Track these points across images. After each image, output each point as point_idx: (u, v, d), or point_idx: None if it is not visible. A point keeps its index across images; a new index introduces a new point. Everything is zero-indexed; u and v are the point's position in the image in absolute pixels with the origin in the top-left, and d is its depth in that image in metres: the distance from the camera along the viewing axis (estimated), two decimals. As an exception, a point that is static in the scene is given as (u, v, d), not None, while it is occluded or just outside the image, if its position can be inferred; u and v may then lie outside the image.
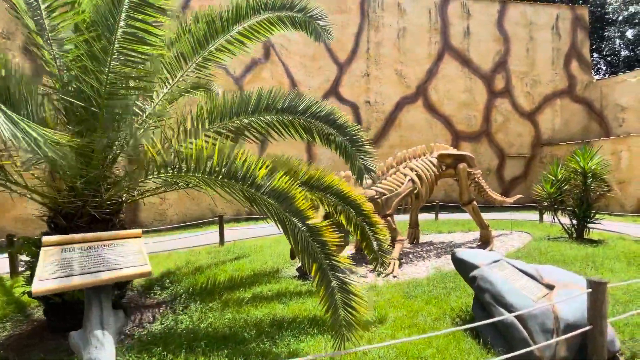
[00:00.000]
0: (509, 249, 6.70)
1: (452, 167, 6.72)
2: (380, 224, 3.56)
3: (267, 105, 3.06)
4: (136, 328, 3.55)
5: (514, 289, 2.93)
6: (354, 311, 2.08)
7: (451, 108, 14.05)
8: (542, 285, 3.13)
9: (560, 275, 3.20)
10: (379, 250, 3.46)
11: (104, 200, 3.35)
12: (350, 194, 3.41)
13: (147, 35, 2.52)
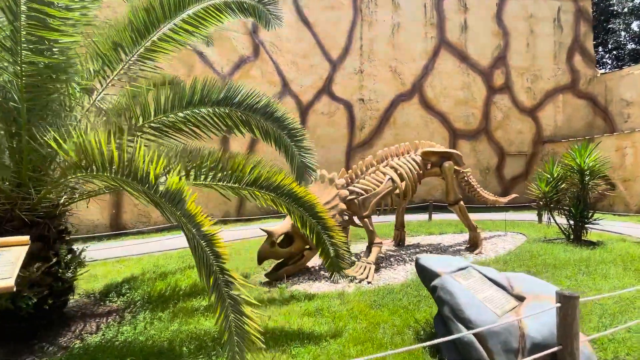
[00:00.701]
0: (499, 252, 6.31)
1: (437, 166, 6.36)
2: (336, 227, 3.25)
3: (201, 97, 2.78)
4: (74, 339, 3.30)
5: (476, 301, 2.59)
6: (246, 335, 1.78)
7: (448, 105, 13.61)
8: (511, 297, 2.78)
9: (534, 285, 2.85)
10: (335, 256, 3.15)
11: (35, 203, 3.11)
12: (302, 194, 3.11)
13: (52, 20, 2.26)
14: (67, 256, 3.43)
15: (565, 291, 2.29)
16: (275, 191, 3.07)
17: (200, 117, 2.75)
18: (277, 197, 3.10)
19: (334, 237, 3.20)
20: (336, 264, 3.21)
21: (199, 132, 3.05)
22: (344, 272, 3.51)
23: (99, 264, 5.95)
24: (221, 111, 2.73)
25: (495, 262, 5.48)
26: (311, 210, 3.09)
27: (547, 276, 4.72)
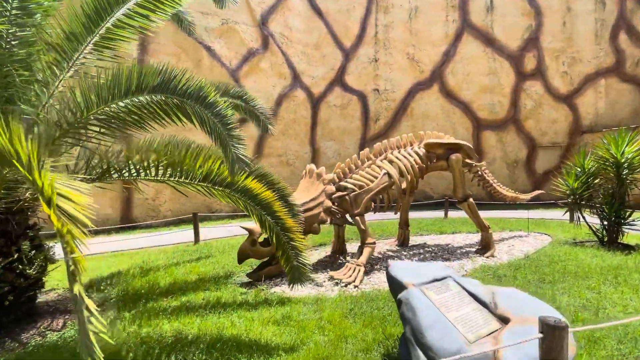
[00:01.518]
0: (515, 255, 5.63)
1: (443, 159, 5.76)
2: (296, 229, 2.89)
3: (138, 84, 2.53)
4: (35, 336, 3.23)
5: (443, 322, 2.14)
6: None
7: (472, 93, 12.61)
8: (493, 318, 2.29)
9: (524, 304, 2.33)
10: (295, 261, 2.80)
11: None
12: (258, 191, 2.78)
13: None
14: (31, 252, 3.36)
15: (550, 318, 1.79)
16: (230, 187, 2.77)
17: (140, 105, 2.51)
18: (232, 194, 2.80)
19: (294, 239, 2.85)
20: (297, 270, 2.87)
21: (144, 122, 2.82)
22: (305, 280, 3.16)
23: (97, 258, 6.04)
24: (158, 98, 2.48)
25: (506, 268, 4.86)
26: (268, 209, 2.77)
27: (564, 287, 4.07)
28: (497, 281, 4.37)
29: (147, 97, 2.52)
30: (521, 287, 4.07)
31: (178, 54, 9.92)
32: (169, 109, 2.54)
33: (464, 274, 4.72)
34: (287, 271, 2.93)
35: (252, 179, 2.84)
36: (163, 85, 2.50)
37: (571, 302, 3.66)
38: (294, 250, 2.87)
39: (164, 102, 2.50)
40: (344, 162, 5.44)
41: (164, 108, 2.54)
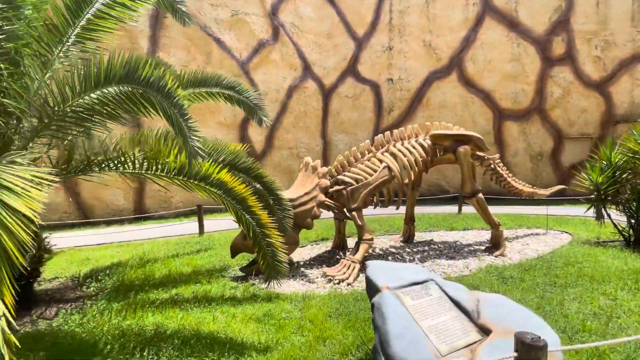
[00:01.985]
0: (528, 255, 5.26)
1: (451, 151, 5.43)
2: (271, 225, 2.77)
3: (106, 75, 2.46)
4: (27, 324, 3.33)
5: (414, 331, 1.95)
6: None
7: (493, 81, 11.90)
8: (474, 328, 2.08)
9: (511, 314, 2.10)
10: (272, 258, 2.69)
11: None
12: (232, 184, 2.68)
13: None
14: (23, 244, 3.44)
15: (527, 335, 1.57)
16: (205, 180, 2.68)
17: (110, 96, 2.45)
18: (207, 187, 2.72)
19: (270, 235, 2.74)
20: (273, 267, 2.76)
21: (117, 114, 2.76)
22: (281, 277, 3.04)
23: (105, 247, 6.23)
24: (125, 89, 2.40)
25: (515, 268, 4.53)
26: (243, 204, 2.66)
27: (576, 292, 3.73)
28: (501, 283, 4.08)
29: (116, 88, 2.45)
30: (527, 291, 3.78)
31: (188, 47, 9.97)
32: (135, 99, 2.47)
33: (467, 275, 4.45)
34: (264, 268, 2.84)
35: (225, 172, 2.74)
36: (129, 76, 2.42)
37: (581, 309, 3.34)
38: (270, 247, 2.76)
39: (131, 93, 2.43)
40: (340, 155, 5.25)
41: (132, 98, 2.47)
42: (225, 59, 10.43)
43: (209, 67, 10.26)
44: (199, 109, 10.22)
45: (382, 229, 7.19)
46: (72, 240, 6.85)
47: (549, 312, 3.28)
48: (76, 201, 8.75)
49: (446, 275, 4.47)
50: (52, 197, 8.49)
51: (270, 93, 11.26)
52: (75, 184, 8.63)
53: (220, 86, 4.38)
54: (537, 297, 3.62)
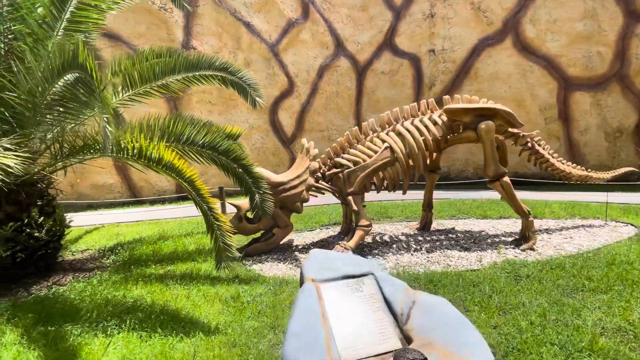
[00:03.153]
0: (565, 251, 4.45)
1: (472, 128, 4.73)
2: (217, 209, 2.69)
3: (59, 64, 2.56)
4: (43, 289, 3.83)
5: (316, 331, 1.73)
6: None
7: (559, 45, 10.03)
8: (397, 334, 1.78)
9: (442, 325, 1.75)
10: (221, 241, 2.64)
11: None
12: (181, 168, 2.66)
13: None
14: (40, 218, 3.94)
15: (408, 355, 1.26)
16: (159, 163, 2.71)
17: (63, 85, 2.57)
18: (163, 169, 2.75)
19: (219, 219, 2.67)
20: (224, 251, 2.71)
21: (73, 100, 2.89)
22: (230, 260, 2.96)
23: (136, 224, 6.90)
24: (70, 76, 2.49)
25: (537, 266, 3.86)
26: (192, 185, 2.63)
27: (606, 299, 3.04)
28: (511, 282, 3.50)
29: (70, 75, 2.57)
30: (539, 294, 3.20)
31: (219, 34, 10.22)
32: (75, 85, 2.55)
33: (475, 269, 3.91)
34: (216, 253, 2.81)
35: (174, 154, 2.73)
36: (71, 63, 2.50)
37: (602, 322, 2.69)
38: (219, 230, 2.71)
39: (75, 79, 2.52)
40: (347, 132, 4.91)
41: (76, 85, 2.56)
42: (255, 43, 10.48)
43: (239, 52, 10.44)
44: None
45: (402, 215, 6.72)
46: (117, 217, 7.73)
47: (554, 322, 2.71)
48: (127, 183, 9.82)
49: (451, 268, 3.99)
50: (108, 179, 9.66)
51: (301, 74, 11.08)
52: (127, 167, 9.64)
53: (213, 68, 4.37)
54: (548, 302, 3.02)
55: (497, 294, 3.22)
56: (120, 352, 2.46)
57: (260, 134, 11.02)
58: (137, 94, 4.29)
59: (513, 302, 3.05)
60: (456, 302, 3.07)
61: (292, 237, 5.55)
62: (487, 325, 2.71)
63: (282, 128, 11.21)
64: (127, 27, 9.41)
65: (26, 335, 2.70)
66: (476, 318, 2.80)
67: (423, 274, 3.70)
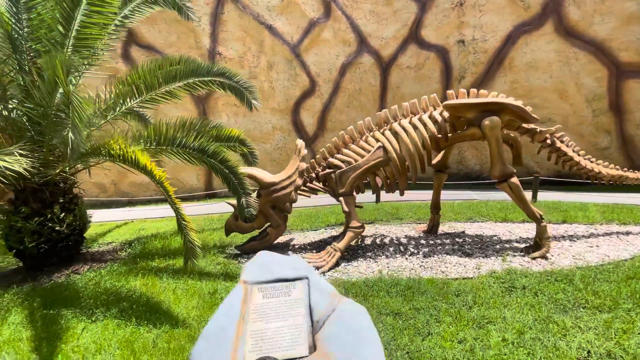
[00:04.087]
0: (584, 261, 3.99)
1: (477, 125, 4.40)
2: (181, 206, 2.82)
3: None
4: (62, 277, 4.32)
5: (226, 333, 1.78)
6: None
7: (608, 28, 8.86)
8: (307, 341, 1.77)
9: (345, 335, 1.71)
10: (187, 240, 2.79)
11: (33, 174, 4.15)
12: (153, 169, 2.85)
13: None
14: (62, 214, 4.45)
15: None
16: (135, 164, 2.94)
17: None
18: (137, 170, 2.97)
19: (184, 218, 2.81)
20: (191, 250, 2.85)
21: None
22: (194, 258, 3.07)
23: (159, 220, 7.45)
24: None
25: (539, 277, 3.51)
26: (162, 186, 2.81)
27: (603, 319, 2.68)
28: (503, 293, 3.23)
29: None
30: (527, 309, 2.92)
31: (243, 39, 10.59)
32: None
33: (468, 278, 3.66)
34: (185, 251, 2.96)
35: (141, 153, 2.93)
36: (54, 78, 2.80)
37: (590, 345, 2.39)
38: (185, 229, 2.85)
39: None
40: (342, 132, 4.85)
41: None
42: (277, 45, 10.70)
43: (262, 55, 10.73)
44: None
45: (414, 216, 6.46)
46: (148, 213, 8.42)
47: (531, 341, 2.45)
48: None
49: (443, 275, 3.77)
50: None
51: (323, 74, 11.08)
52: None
53: (212, 74, 4.59)
54: (535, 318, 2.74)
55: (479, 306, 2.99)
56: (94, 337, 2.72)
57: (282, 134, 11.25)
58: (144, 101, 4.64)
59: (493, 315, 2.81)
60: (428, 311, 2.91)
61: (294, 236, 5.63)
62: (454, 338, 2.53)
63: (303, 128, 11.33)
64: (160, 38, 10.16)
65: (29, 317, 3.10)
66: (444, 330, 2.63)
67: (405, 280, 3.55)
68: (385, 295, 3.23)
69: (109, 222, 7.30)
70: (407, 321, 2.78)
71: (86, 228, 4.96)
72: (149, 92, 4.57)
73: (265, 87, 10.87)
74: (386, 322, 2.78)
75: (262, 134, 11.03)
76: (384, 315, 2.89)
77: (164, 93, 4.65)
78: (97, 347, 2.61)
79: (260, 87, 10.86)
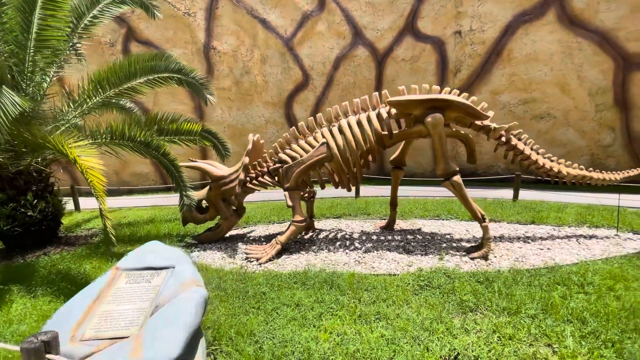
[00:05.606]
0: (525, 264, 3.89)
1: (422, 122, 4.35)
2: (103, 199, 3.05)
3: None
4: (34, 257, 4.73)
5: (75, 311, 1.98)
6: None
7: (616, 16, 8.21)
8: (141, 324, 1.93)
9: (157, 322, 1.85)
10: (106, 229, 3.04)
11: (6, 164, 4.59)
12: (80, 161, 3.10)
13: None
14: (34, 201, 4.89)
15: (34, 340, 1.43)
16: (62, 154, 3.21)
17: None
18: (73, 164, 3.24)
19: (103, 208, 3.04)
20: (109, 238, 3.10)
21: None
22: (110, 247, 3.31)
23: (152, 208, 7.87)
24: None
25: (463, 277, 3.48)
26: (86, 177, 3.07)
27: (501, 322, 2.66)
28: (409, 292, 3.23)
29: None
30: (427, 307, 2.93)
31: (237, 32, 10.78)
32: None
33: (392, 274, 3.68)
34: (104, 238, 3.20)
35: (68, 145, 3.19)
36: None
37: (467, 349, 2.40)
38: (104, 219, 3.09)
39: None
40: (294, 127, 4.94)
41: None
42: (270, 39, 10.80)
43: (255, 49, 10.88)
44: (247, 91, 11.11)
45: (382, 212, 6.44)
46: (142, 202, 8.92)
47: (403, 340, 2.49)
48: (160, 172, 11.16)
49: (372, 271, 3.82)
50: (144, 168, 11.12)
51: (316, 67, 11.08)
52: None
53: (169, 71, 4.80)
54: (425, 318, 2.75)
55: (382, 302, 3.02)
56: (22, 309, 3.05)
57: (275, 128, 11.42)
58: (108, 97, 4.94)
59: (390, 312, 2.85)
60: (330, 304, 2.99)
61: (258, 228, 5.81)
62: (334, 331, 2.61)
63: (296, 121, 11.41)
64: (158, 34, 10.56)
65: (-18, 291, 3.49)
66: (331, 323, 2.70)
67: (327, 273, 3.63)
68: (299, 288, 3.34)
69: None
70: (303, 312, 2.88)
71: (61, 214, 5.39)
72: (112, 88, 4.86)
73: (259, 81, 11.04)
74: (283, 312, 2.90)
75: (255, 127, 11.25)
76: (286, 306, 3.01)
77: (126, 89, 4.92)
78: (19, 319, 2.94)
79: (253, 81, 11.05)
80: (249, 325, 2.67)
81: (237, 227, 5.88)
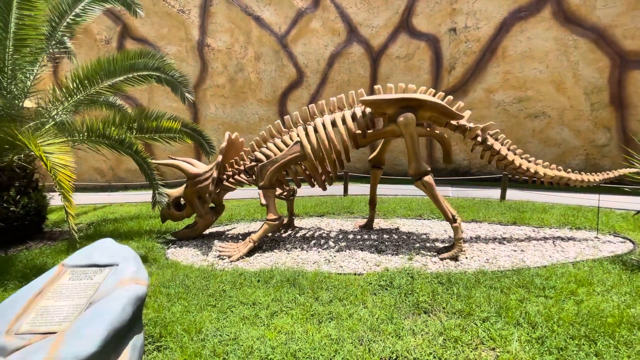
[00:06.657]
0: (494, 266, 3.87)
1: (395, 121, 4.33)
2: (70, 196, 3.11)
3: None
4: (16, 251, 4.86)
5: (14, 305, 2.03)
6: None
7: (613, 13, 8.01)
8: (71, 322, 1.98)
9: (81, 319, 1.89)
10: (70, 227, 3.11)
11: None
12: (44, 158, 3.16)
13: None
14: (17, 197, 5.00)
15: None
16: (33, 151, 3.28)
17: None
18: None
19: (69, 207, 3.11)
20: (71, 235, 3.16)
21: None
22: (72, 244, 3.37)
23: (142, 204, 7.98)
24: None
25: (426, 278, 3.46)
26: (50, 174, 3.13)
27: (451, 324, 2.65)
28: (367, 291, 3.24)
29: None
30: (380, 308, 2.92)
31: (232, 30, 10.80)
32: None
33: (360, 273, 3.68)
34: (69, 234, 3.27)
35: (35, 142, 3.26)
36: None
37: (409, 351, 2.40)
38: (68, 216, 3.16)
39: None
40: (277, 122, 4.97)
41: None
42: (264, 36, 10.80)
43: (249, 46, 10.89)
44: (241, 88, 11.14)
45: (366, 211, 6.43)
46: (132, 198, 9.04)
47: (348, 341, 2.50)
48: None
49: (340, 270, 3.82)
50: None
51: (311, 64, 11.06)
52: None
53: (148, 69, 4.85)
54: (375, 319, 2.75)
55: (339, 301, 3.03)
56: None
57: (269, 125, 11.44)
58: (89, 94, 5.01)
59: (343, 312, 2.85)
60: (286, 303, 3.01)
61: (238, 225, 5.86)
62: (282, 330, 2.63)
63: (290, 119, 11.44)
64: (153, 31, 10.64)
65: (-42, 284, 3.59)
66: (282, 322, 2.72)
67: (291, 272, 3.64)
68: (260, 286, 3.37)
69: (90, 205, 7.96)
70: (257, 311, 2.91)
71: (45, 210, 5.51)
72: (93, 86, 4.93)
73: (253, 78, 11.07)
74: (237, 310, 2.93)
75: (248, 124, 11.30)
76: (242, 304, 3.04)
77: (108, 87, 4.98)
78: (-16, 313, 3.02)
79: (247, 79, 11.08)
80: (199, 323, 2.71)
81: (218, 224, 5.94)
